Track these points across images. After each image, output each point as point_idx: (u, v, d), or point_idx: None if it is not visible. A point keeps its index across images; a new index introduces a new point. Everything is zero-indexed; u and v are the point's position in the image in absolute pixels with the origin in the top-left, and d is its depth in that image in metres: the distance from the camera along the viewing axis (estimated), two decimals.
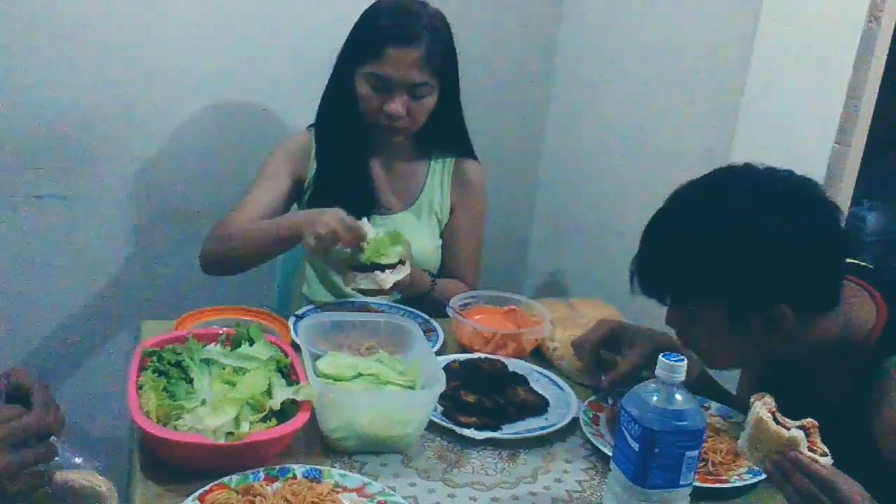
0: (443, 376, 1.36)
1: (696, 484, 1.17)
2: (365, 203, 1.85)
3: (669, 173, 2.04)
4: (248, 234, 1.75)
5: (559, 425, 1.44)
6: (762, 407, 1.11)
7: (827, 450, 1.10)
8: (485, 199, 2.02)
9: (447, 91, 1.84)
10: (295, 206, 1.92)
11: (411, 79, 1.75)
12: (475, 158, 1.99)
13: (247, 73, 2.22)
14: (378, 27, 1.76)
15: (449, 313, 1.73)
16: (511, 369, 1.57)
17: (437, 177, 1.96)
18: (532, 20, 2.42)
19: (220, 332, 1.47)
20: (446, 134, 1.92)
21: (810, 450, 1.09)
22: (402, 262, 1.64)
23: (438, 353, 1.61)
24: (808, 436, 1.10)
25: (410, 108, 1.78)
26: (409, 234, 1.74)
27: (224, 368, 1.35)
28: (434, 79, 1.79)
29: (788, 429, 1.09)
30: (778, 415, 1.11)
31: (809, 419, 1.11)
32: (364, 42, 1.78)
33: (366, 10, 1.82)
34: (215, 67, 2.19)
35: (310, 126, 1.95)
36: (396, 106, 1.76)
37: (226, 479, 1.17)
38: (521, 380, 1.55)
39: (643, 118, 2.13)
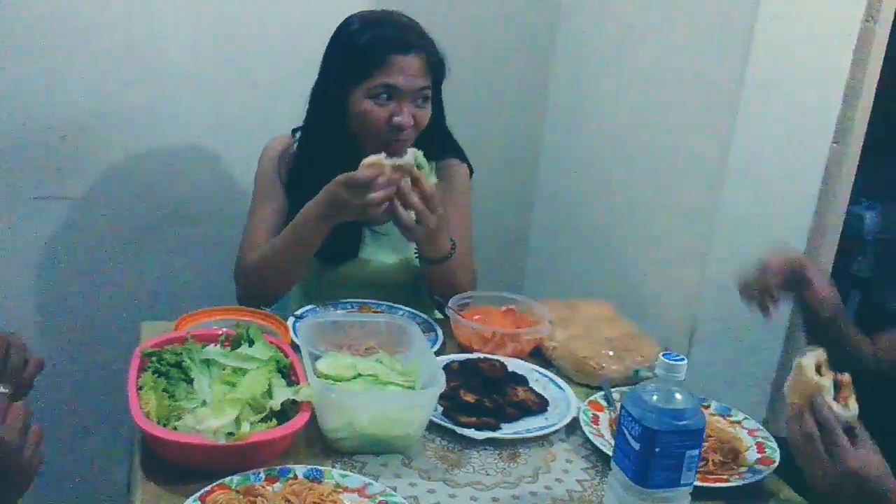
0: (443, 376, 1.37)
1: (697, 483, 1.17)
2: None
3: (667, 174, 2.07)
4: (267, 257, 1.74)
5: (559, 425, 1.44)
6: (811, 355, 1.12)
7: (857, 410, 1.10)
8: (468, 197, 1.96)
9: (435, 95, 1.81)
10: None
11: (418, 85, 1.72)
12: (462, 160, 1.95)
13: (246, 76, 2.22)
14: (375, 38, 1.71)
15: (448, 313, 1.73)
16: (511, 369, 1.57)
17: None
18: (529, 24, 2.42)
19: (220, 332, 1.47)
20: (431, 137, 1.85)
21: (837, 402, 1.11)
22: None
23: (438, 354, 1.61)
24: (839, 389, 1.11)
25: (415, 117, 1.74)
26: (400, 238, 1.72)
27: (224, 369, 1.36)
28: (431, 84, 1.77)
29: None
30: (823, 367, 1.12)
31: (846, 374, 1.12)
32: (362, 57, 1.72)
33: (341, 31, 1.77)
34: (214, 69, 2.19)
35: (294, 130, 1.92)
36: (406, 117, 1.72)
37: (227, 479, 1.17)
38: (521, 380, 1.55)
39: (641, 119, 2.13)
